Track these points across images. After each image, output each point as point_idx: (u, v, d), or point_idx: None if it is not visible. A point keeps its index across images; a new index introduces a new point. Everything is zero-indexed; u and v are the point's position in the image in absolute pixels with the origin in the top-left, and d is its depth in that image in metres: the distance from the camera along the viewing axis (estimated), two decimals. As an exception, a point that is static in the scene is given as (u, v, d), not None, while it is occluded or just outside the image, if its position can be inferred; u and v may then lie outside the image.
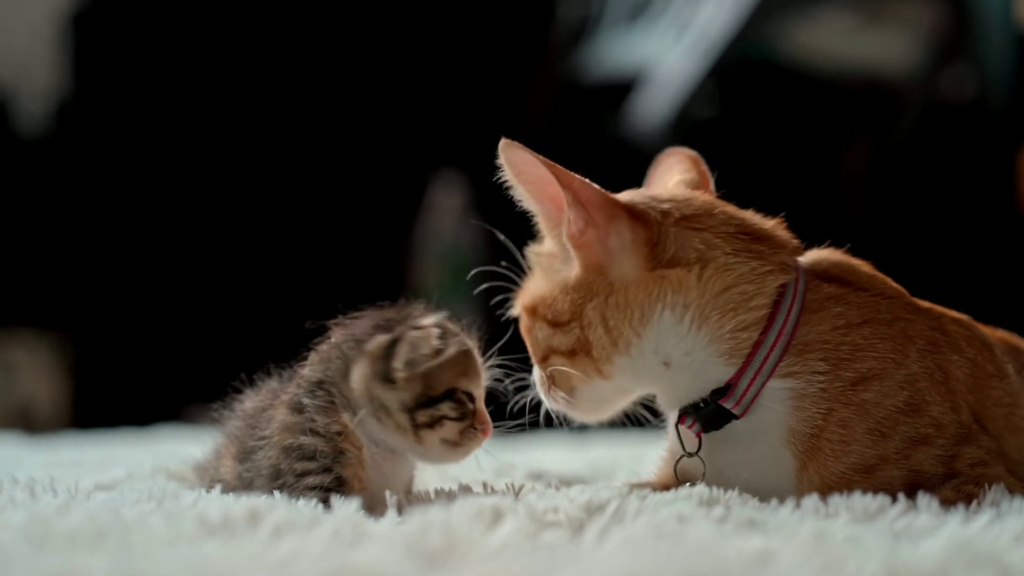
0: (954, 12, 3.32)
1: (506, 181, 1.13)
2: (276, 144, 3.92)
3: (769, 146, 3.35)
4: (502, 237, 1.22)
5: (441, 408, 1.09)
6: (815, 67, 3.29)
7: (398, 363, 1.09)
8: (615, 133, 3.44)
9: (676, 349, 1.09)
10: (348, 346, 1.12)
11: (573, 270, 1.13)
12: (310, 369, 1.15)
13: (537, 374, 1.19)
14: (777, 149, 3.36)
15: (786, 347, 1.07)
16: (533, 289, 1.18)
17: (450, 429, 1.10)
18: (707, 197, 1.16)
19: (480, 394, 1.13)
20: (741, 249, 1.10)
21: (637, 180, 1.28)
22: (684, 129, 3.23)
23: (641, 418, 1.23)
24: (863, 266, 1.16)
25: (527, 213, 1.17)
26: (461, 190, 3.75)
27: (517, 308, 1.20)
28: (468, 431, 1.10)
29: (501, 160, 1.11)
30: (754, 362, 1.07)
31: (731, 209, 1.15)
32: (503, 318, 1.23)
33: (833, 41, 3.28)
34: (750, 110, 3.36)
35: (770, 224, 1.15)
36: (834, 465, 1.05)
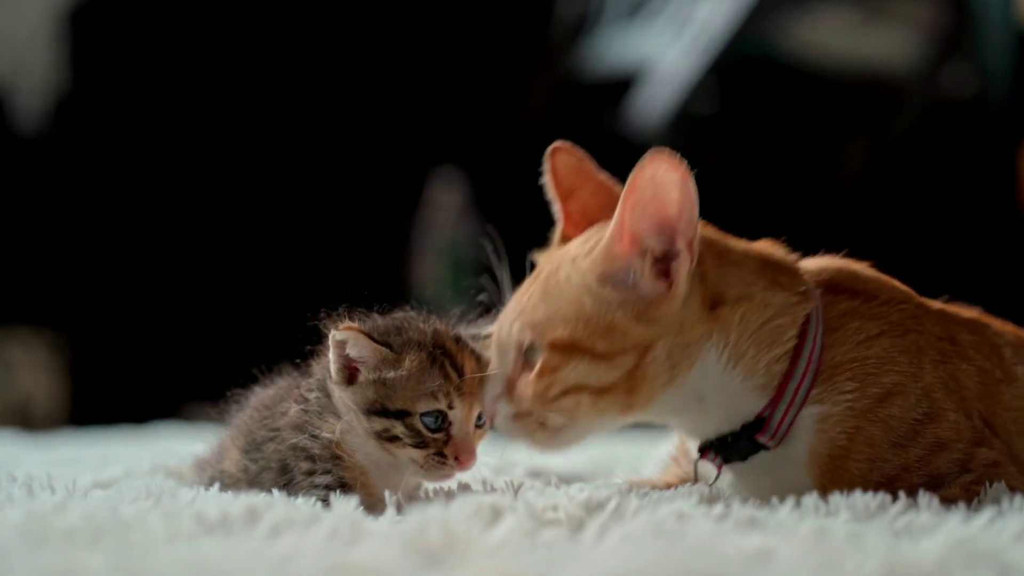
0: (954, 9, 3.31)
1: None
2: (275, 141, 3.91)
3: (768, 143, 3.34)
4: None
5: (395, 425, 1.06)
6: (815, 64, 3.28)
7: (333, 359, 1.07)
8: (615, 130, 3.43)
9: (713, 385, 1.05)
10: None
11: (652, 301, 1.03)
12: (317, 367, 1.14)
13: (509, 411, 1.06)
14: (776, 146, 3.35)
15: (816, 374, 1.05)
16: (561, 316, 1.04)
17: (414, 452, 1.07)
18: (715, 230, 1.11)
19: (463, 418, 1.07)
20: (771, 283, 1.07)
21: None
22: (684, 126, 3.22)
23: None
24: (866, 270, 1.14)
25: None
26: (460, 186, 3.75)
27: (538, 340, 1.05)
28: (432, 459, 1.06)
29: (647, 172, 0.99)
30: (786, 394, 1.05)
31: (743, 243, 1.11)
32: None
33: (833, 38, 3.27)
34: (750, 107, 3.35)
35: (778, 250, 1.12)
36: (861, 485, 1.02)
